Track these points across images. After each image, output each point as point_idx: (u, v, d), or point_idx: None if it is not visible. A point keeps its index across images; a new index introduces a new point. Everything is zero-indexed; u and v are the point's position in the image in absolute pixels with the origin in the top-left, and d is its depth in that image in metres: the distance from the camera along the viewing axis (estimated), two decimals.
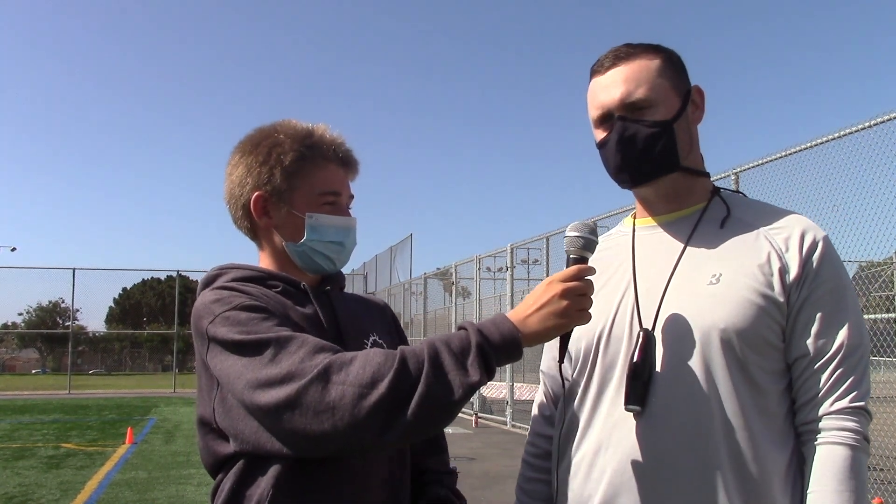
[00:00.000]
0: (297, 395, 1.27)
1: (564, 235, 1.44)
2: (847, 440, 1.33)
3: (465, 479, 8.19)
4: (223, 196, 1.62)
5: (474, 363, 1.29)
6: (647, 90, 1.46)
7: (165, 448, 11.13)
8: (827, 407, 1.35)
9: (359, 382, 1.25)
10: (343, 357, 1.30)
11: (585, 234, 1.42)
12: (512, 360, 1.35)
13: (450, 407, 1.28)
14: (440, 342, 1.31)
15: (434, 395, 1.26)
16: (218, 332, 1.39)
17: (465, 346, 1.30)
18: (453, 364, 1.28)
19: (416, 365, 1.27)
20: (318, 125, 1.61)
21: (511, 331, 1.33)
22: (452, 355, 1.29)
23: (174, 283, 28.13)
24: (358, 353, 1.31)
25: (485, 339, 1.31)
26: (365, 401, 1.24)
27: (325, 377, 1.27)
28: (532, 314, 1.34)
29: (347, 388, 1.25)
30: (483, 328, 1.33)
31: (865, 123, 6.07)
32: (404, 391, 1.25)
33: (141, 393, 26.12)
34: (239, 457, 1.43)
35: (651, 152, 1.46)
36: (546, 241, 13.01)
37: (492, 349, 1.31)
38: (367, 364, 1.28)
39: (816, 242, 1.41)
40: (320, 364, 1.28)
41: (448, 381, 1.27)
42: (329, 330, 1.52)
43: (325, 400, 1.25)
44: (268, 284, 1.52)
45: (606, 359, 1.48)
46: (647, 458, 1.38)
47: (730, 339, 1.37)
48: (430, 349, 1.30)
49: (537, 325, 1.34)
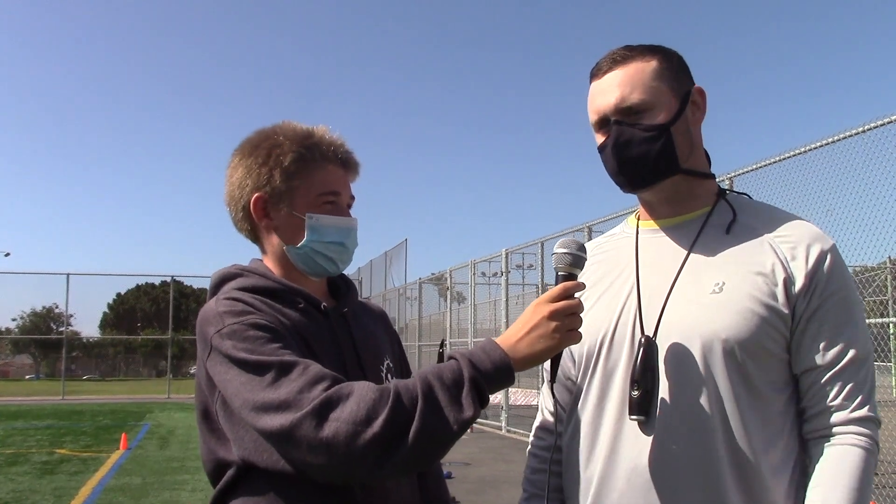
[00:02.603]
0: (291, 427, 1.27)
1: (552, 252, 1.43)
2: (863, 443, 1.33)
3: (460, 485, 8.19)
4: (223, 198, 1.62)
5: (468, 397, 1.28)
6: (643, 94, 1.45)
7: (160, 454, 11.09)
8: (842, 415, 1.34)
9: (353, 420, 1.25)
10: (340, 391, 1.29)
11: (574, 250, 1.40)
12: (504, 387, 1.34)
13: (444, 442, 1.28)
14: (433, 376, 1.30)
15: (429, 432, 1.26)
16: (223, 345, 1.38)
17: (458, 380, 1.30)
18: (447, 399, 1.28)
19: (411, 401, 1.27)
20: (319, 127, 1.60)
21: (502, 358, 1.32)
22: (446, 390, 1.29)
23: (169, 289, 28.03)
24: (354, 386, 1.31)
25: (477, 371, 1.30)
26: (359, 438, 1.24)
27: (320, 413, 1.26)
28: (522, 338, 1.34)
29: (342, 425, 1.25)
30: (474, 358, 1.32)
31: (859, 128, 6.10)
32: (399, 428, 1.25)
33: (135, 398, 26.02)
34: (240, 470, 1.43)
35: (648, 157, 1.45)
36: (541, 246, 13.02)
37: (484, 380, 1.30)
38: (362, 400, 1.27)
39: (825, 253, 1.39)
40: (317, 398, 1.28)
41: (443, 417, 1.27)
42: (348, 357, 1.52)
43: (319, 436, 1.25)
44: (288, 300, 1.51)
45: (609, 364, 1.47)
46: (653, 468, 1.38)
47: (731, 349, 1.36)
48: (423, 384, 1.29)
49: (527, 349, 1.33)
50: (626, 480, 1.40)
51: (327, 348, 1.48)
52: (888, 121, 5.87)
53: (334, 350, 1.50)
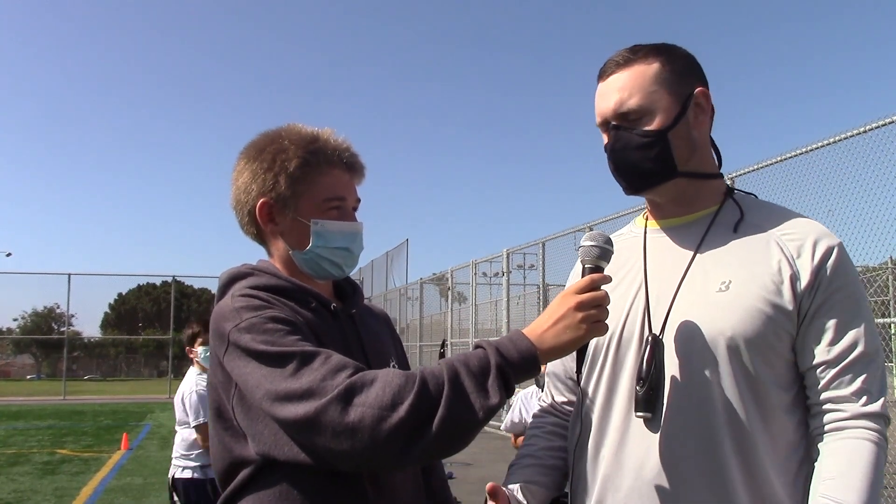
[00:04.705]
0: (316, 414, 1.26)
1: (579, 245, 1.44)
2: (875, 438, 1.33)
3: (461, 485, 8.19)
4: (229, 201, 1.62)
5: (494, 384, 1.28)
6: (640, 100, 1.46)
7: (161, 454, 11.09)
8: (853, 409, 1.34)
9: (379, 405, 1.25)
10: (364, 377, 1.29)
11: (601, 243, 1.42)
12: (530, 377, 1.35)
13: (470, 429, 1.28)
14: (459, 363, 1.30)
15: (455, 418, 1.25)
16: (241, 339, 1.38)
17: (485, 367, 1.30)
18: (473, 386, 1.28)
19: (437, 387, 1.27)
20: (324, 130, 1.60)
21: (529, 348, 1.32)
22: (472, 376, 1.29)
23: (170, 289, 28.10)
24: (379, 372, 1.31)
25: (503, 359, 1.31)
26: (385, 423, 1.24)
27: (345, 398, 1.26)
28: (548, 329, 1.34)
29: (367, 409, 1.25)
30: (501, 347, 1.32)
31: (860, 128, 6.09)
32: (424, 414, 1.25)
33: (136, 399, 26.06)
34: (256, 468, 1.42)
35: (643, 162, 1.47)
36: (542, 246, 13.02)
37: (511, 368, 1.30)
38: (388, 386, 1.27)
39: (830, 249, 1.39)
40: (341, 384, 1.28)
41: (469, 404, 1.27)
42: (357, 358, 1.51)
43: (345, 421, 1.25)
44: (300, 299, 1.51)
45: (617, 362, 1.48)
46: (660, 465, 1.38)
47: (737, 348, 1.36)
48: (449, 371, 1.29)
49: (553, 340, 1.33)
50: (633, 477, 1.41)
51: (337, 348, 1.48)
52: (889, 121, 5.86)
53: (344, 350, 1.50)
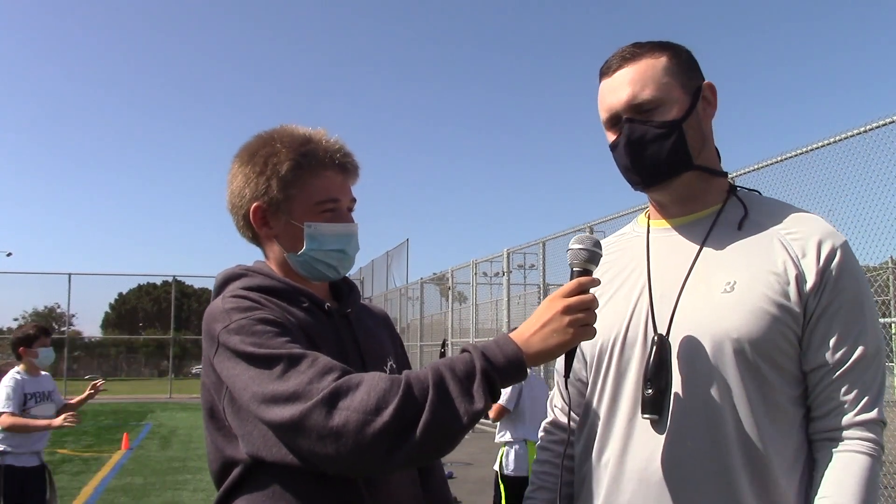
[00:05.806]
0: (301, 417, 1.26)
1: (568, 248, 1.42)
2: (868, 450, 1.33)
3: (461, 485, 8.20)
4: (225, 204, 1.62)
5: (479, 389, 1.28)
6: (654, 90, 1.45)
7: (161, 454, 11.10)
8: (848, 418, 1.34)
9: (363, 409, 1.25)
10: (350, 381, 1.29)
11: (589, 246, 1.40)
12: (516, 382, 1.34)
13: (454, 434, 1.28)
14: (445, 367, 1.30)
15: (439, 423, 1.25)
16: (230, 340, 1.38)
17: (471, 372, 1.29)
18: (458, 390, 1.27)
19: (421, 391, 1.27)
20: (317, 131, 1.60)
21: (515, 352, 1.32)
22: (457, 381, 1.28)
23: (170, 289, 28.09)
24: (365, 376, 1.31)
25: (489, 364, 1.30)
26: (369, 427, 1.24)
27: (330, 402, 1.26)
28: (535, 333, 1.33)
29: (352, 413, 1.25)
30: (487, 351, 1.32)
31: (860, 128, 6.09)
32: (409, 418, 1.25)
33: (137, 398, 26.07)
34: (247, 468, 1.43)
35: (661, 153, 1.45)
36: (542, 245, 13.00)
37: (496, 373, 1.30)
38: (373, 390, 1.27)
39: (835, 249, 1.38)
40: (327, 388, 1.28)
41: (454, 409, 1.26)
42: (352, 358, 1.52)
43: (329, 425, 1.25)
44: (293, 299, 1.52)
45: (622, 363, 1.48)
46: (665, 467, 1.38)
47: (742, 348, 1.36)
48: (434, 375, 1.29)
49: (540, 344, 1.33)
50: (638, 479, 1.40)
51: (331, 348, 1.48)
52: (889, 121, 5.86)
53: (338, 350, 1.50)
